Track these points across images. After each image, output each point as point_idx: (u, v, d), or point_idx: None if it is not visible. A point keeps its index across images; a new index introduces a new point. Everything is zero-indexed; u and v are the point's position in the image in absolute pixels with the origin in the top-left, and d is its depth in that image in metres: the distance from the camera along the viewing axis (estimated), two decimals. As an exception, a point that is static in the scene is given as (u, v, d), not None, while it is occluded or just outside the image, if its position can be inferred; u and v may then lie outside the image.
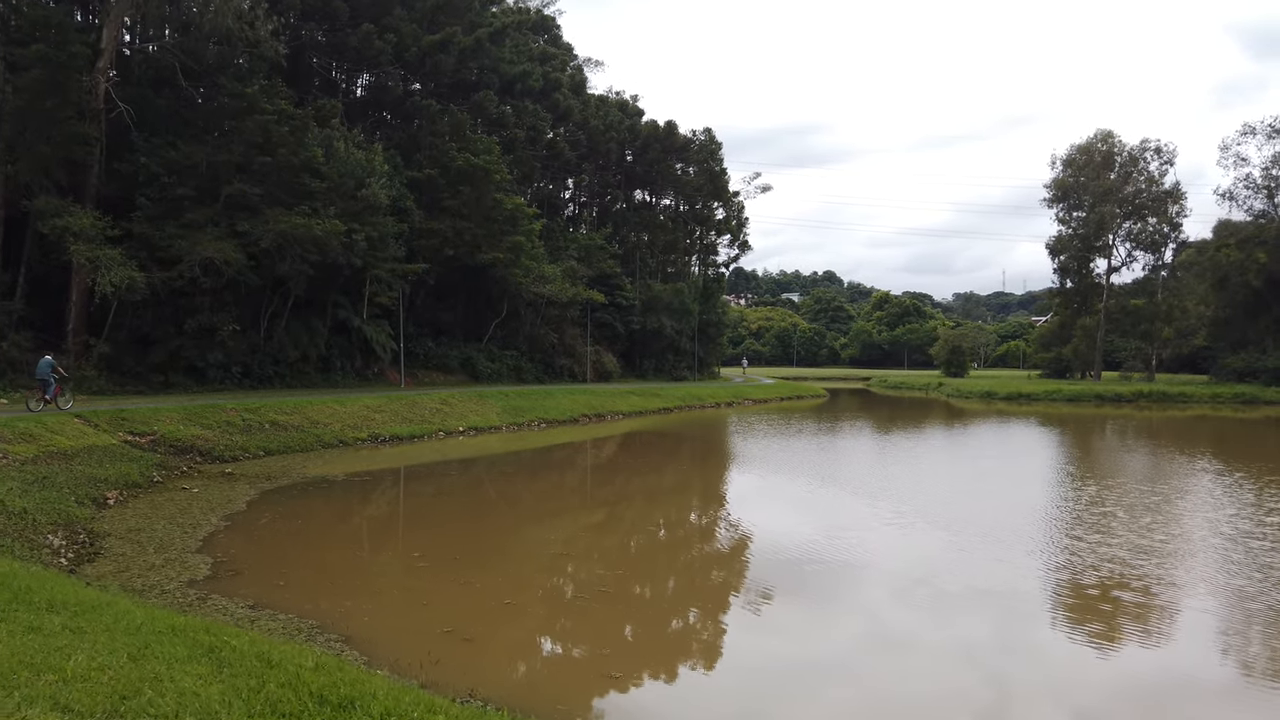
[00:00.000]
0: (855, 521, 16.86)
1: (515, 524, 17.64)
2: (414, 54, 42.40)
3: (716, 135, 65.30)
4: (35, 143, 30.17)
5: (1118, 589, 11.58)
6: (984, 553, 13.90)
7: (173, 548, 13.22)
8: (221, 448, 24.48)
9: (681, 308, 61.81)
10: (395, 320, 41.72)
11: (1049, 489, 21.40)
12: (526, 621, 10.58)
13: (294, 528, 15.75)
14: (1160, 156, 78.01)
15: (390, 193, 37.90)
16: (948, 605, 11.31)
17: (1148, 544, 14.10)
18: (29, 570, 9.61)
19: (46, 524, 13.32)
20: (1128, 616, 10.62)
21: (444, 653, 8.75)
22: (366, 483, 21.05)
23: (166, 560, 12.38)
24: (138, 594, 10.41)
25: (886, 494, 19.91)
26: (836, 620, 10.98)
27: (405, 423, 32.17)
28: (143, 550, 13.03)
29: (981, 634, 10.26)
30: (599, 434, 37.17)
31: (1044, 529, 15.74)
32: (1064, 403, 58.79)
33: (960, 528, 15.76)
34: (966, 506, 18.53)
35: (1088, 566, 12.71)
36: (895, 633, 10.28)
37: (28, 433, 20.08)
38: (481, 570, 12.76)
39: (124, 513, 16.23)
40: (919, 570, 12.87)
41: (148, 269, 31.21)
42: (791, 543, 14.58)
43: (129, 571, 11.73)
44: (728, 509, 20.05)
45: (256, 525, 15.52)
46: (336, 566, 12.90)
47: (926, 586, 12.11)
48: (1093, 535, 14.84)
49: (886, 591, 12.01)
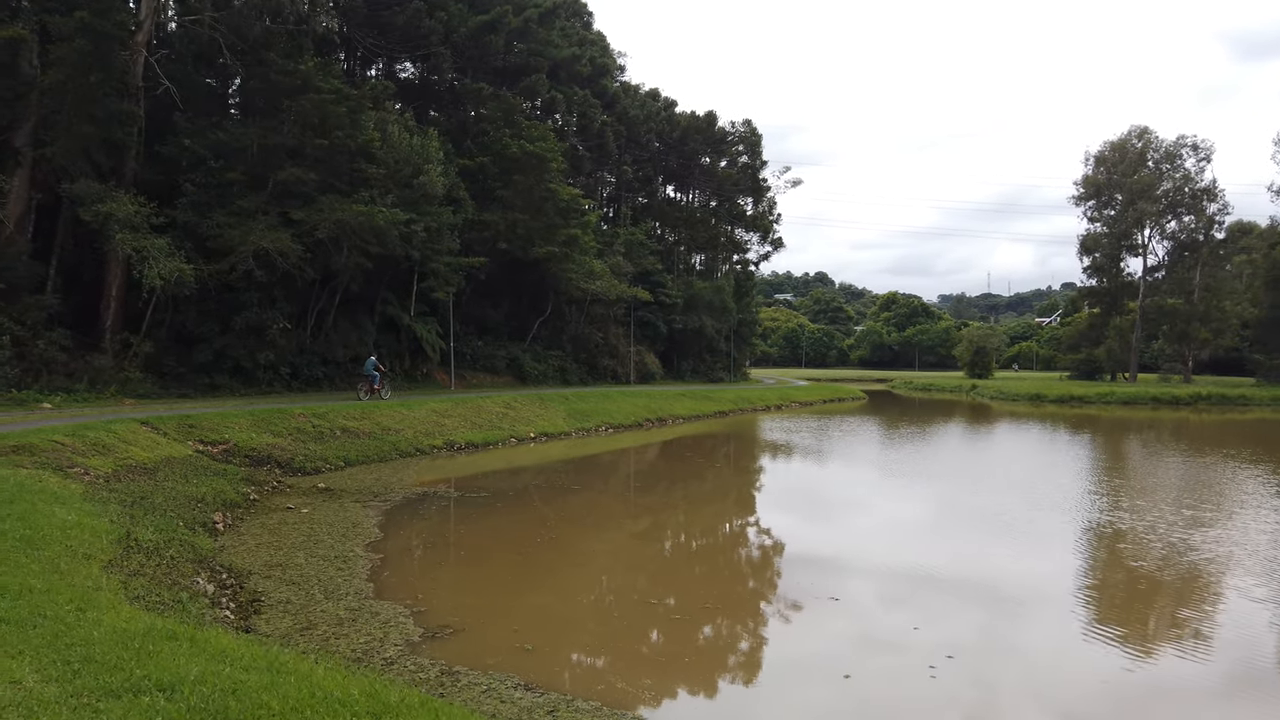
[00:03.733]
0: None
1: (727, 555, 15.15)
2: (463, 34, 39.76)
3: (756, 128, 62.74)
4: (75, 121, 27.38)
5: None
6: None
7: (342, 592, 10.68)
8: (300, 458, 21.92)
9: (722, 306, 59.40)
10: (443, 318, 39.12)
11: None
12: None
13: (462, 561, 13.21)
14: (1197, 153, 76.44)
15: (445, 181, 35.27)
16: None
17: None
18: (225, 639, 7.08)
19: (183, 561, 10.75)
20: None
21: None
22: (487, 500, 18.47)
23: (351, 612, 9.85)
24: (358, 664, 7.91)
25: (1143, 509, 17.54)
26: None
27: (475, 428, 29.65)
28: (309, 595, 10.49)
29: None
30: (671, 437, 34.75)
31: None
32: (1119, 405, 56.83)
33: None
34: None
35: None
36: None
37: (100, 443, 17.47)
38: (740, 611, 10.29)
39: (242, 540, 13.68)
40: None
41: (192, 261, 28.50)
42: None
43: (317, 628, 9.20)
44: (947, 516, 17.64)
45: (414, 558, 13.01)
46: (569, 618, 10.44)
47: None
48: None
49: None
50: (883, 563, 13.27)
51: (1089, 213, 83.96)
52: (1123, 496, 19.64)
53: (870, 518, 18.29)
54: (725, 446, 33.05)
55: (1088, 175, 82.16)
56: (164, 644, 5.53)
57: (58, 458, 15.62)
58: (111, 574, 8.72)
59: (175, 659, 5.21)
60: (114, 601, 7.44)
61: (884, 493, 21.59)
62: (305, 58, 31.45)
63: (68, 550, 8.77)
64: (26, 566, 7.69)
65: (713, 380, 61.02)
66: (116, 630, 5.75)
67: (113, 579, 8.45)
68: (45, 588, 6.91)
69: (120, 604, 7.48)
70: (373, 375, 30.19)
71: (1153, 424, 44.45)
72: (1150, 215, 76.44)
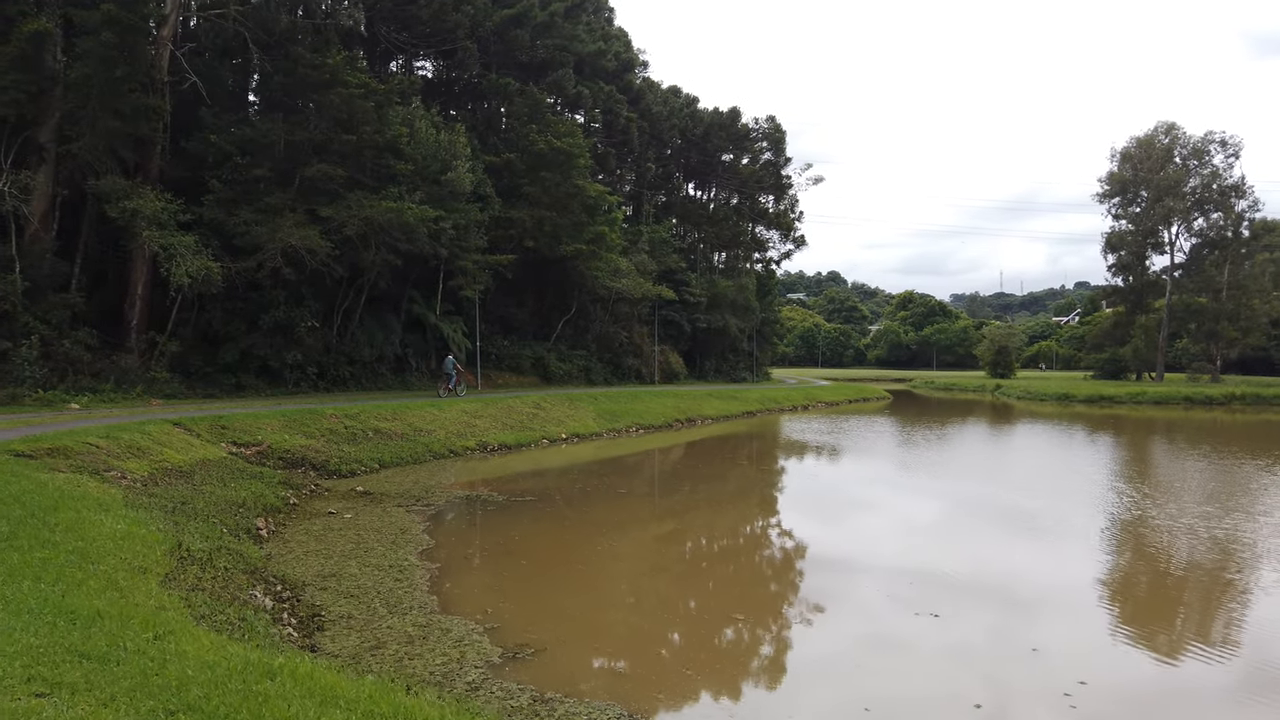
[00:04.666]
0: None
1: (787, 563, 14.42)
2: (488, 28, 39.11)
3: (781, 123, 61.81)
4: (101, 116, 26.84)
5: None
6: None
7: (405, 606, 10.01)
8: (335, 460, 21.31)
9: (746, 305, 58.61)
10: (468, 317, 38.49)
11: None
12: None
13: (525, 572, 12.48)
14: (1225, 149, 75.19)
15: (473, 178, 34.64)
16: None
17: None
18: (329, 675, 6.41)
19: (236, 572, 10.10)
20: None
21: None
22: (534, 504, 17.77)
23: (420, 628, 9.18)
24: (440, 688, 7.24)
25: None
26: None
27: (507, 429, 29.02)
28: (371, 609, 9.83)
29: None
30: (704, 437, 34.04)
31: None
32: (1151, 406, 55.78)
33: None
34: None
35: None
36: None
37: (135, 446, 16.89)
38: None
39: (288, 548, 13.04)
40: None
41: (219, 259, 27.95)
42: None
43: (387, 647, 8.53)
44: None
45: (473, 567, 12.36)
46: (654, 635, 9.75)
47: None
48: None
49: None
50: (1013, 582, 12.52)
51: (1113, 210, 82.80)
52: (1224, 510, 18.84)
53: (977, 533, 17.51)
54: (764, 448, 32.29)
55: (1113, 172, 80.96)
56: (264, 683, 4.86)
57: (93, 461, 15.03)
58: (170, 589, 8.07)
59: (288, 706, 4.54)
60: (183, 623, 6.78)
61: (979, 503, 20.79)
62: (332, 52, 30.84)
63: (123, 563, 8.13)
64: (86, 584, 7.05)
65: (735, 380, 60.27)
66: (205, 664, 5.08)
67: (173, 596, 7.80)
68: (114, 611, 6.26)
69: (189, 626, 6.83)
70: (450, 374, 33.13)
71: (1194, 425, 43.43)
72: (1178, 212, 75.26)
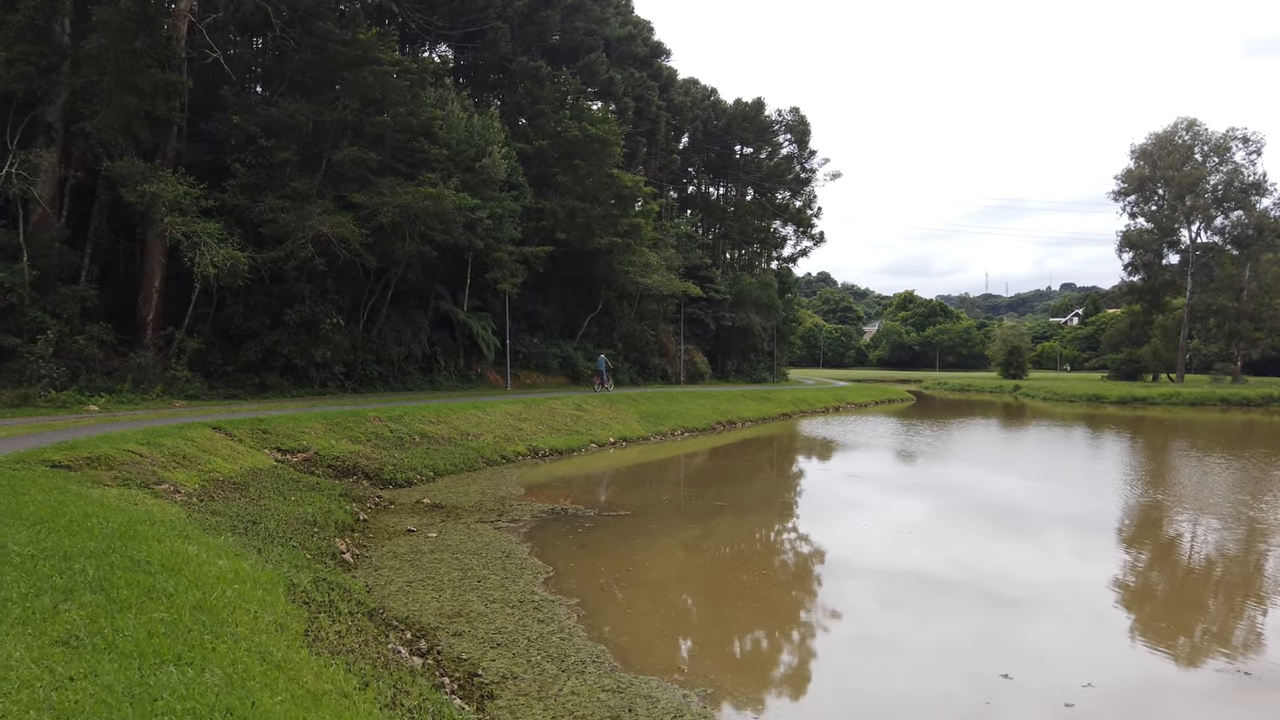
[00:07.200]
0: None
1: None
2: (518, 8, 37.04)
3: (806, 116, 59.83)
4: (116, 93, 24.63)
5: None
6: None
7: (573, 660, 8.00)
8: (389, 468, 19.25)
9: (769, 303, 56.70)
10: (496, 314, 36.41)
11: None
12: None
13: (687, 610, 10.43)
14: (1247, 145, 73.85)
15: (507, 165, 32.56)
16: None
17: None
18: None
19: (358, 615, 8.07)
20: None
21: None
22: (633, 520, 15.70)
23: (615, 694, 7.18)
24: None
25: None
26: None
27: (554, 433, 27.01)
28: (536, 666, 7.81)
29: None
30: (751, 438, 32.16)
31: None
32: (1186, 407, 54.26)
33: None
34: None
35: None
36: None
37: (179, 453, 14.79)
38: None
39: (384, 577, 11.01)
40: None
41: (244, 248, 25.80)
42: None
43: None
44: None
45: (618, 602, 10.31)
46: (901, 696, 7.80)
47: None
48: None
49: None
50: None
51: (1130, 208, 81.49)
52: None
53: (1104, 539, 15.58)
54: (824, 450, 30.34)
55: (1130, 169, 79.56)
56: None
57: (140, 472, 12.92)
58: (319, 652, 6.05)
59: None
60: (370, 713, 4.77)
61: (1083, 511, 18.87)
62: (362, 28, 28.72)
63: (257, 621, 6.09)
64: (229, 657, 5.02)
65: (756, 380, 58.38)
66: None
67: (335, 667, 5.77)
68: (283, 705, 4.29)
69: (375, 714, 4.84)
70: (602, 371, 36.34)
71: (1265, 429, 41.82)
72: (1198, 210, 73.90)
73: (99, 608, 5.38)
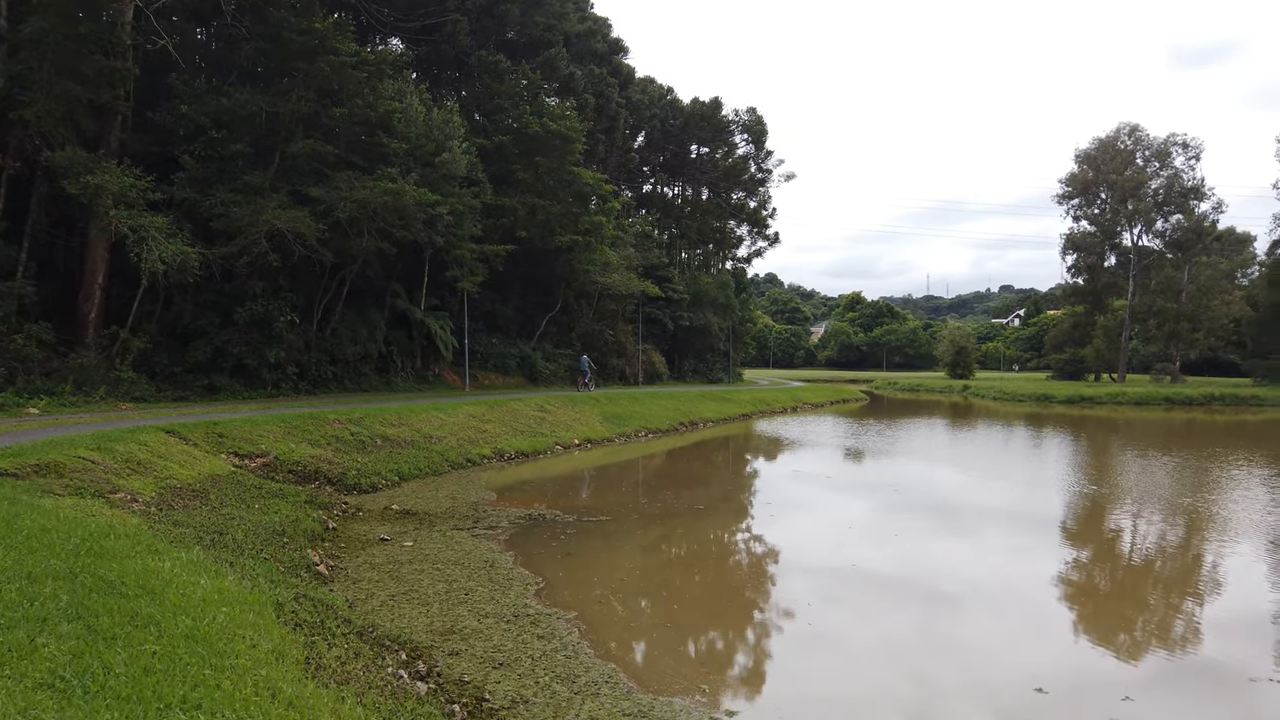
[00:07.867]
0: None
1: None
2: (475, 2, 36.22)
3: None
4: (58, 80, 23.38)
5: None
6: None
7: (584, 680, 7.54)
8: (352, 473, 18.50)
9: (726, 303, 56.62)
10: (454, 313, 35.58)
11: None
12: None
13: (692, 623, 9.99)
14: (1187, 151, 75.99)
15: (468, 160, 31.79)
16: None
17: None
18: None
19: (350, 636, 7.49)
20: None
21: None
22: (614, 524, 15.22)
23: (631, 717, 6.73)
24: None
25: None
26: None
27: (518, 435, 26.42)
28: (545, 689, 7.33)
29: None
30: (716, 438, 31.92)
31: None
32: (1132, 406, 55.53)
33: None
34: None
35: None
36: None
37: (133, 459, 13.94)
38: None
39: (364, 590, 10.41)
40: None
41: (194, 244, 24.71)
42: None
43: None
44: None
45: (618, 616, 9.83)
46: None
47: None
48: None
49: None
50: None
51: (1073, 211, 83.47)
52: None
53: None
54: (786, 449, 30.17)
55: (1074, 173, 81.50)
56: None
57: (94, 480, 12.11)
58: (326, 684, 5.51)
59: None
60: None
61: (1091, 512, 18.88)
62: (318, 17, 27.74)
63: (250, 648, 5.51)
64: (237, 695, 4.47)
65: (713, 381, 58.27)
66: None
67: (345, 699, 5.23)
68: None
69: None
70: (585, 371, 38.42)
71: (1209, 429, 42.83)
72: (1140, 213, 75.87)
73: (81, 640, 4.77)
